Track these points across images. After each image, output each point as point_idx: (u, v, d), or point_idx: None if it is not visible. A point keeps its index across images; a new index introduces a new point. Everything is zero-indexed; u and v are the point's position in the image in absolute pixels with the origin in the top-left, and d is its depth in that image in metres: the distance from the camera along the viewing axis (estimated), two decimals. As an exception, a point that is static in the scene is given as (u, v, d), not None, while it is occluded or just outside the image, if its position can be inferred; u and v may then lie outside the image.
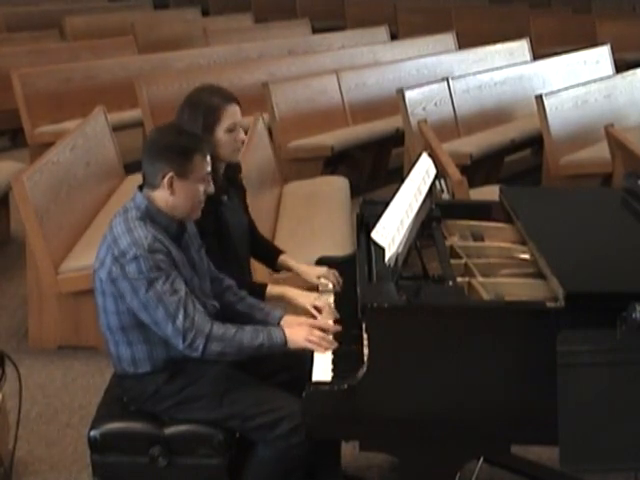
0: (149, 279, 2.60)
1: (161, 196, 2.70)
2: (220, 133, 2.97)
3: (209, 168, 2.73)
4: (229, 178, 3.12)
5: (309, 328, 2.78)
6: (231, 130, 2.99)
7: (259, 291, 3.10)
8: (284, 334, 2.72)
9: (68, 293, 4.38)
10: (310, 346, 2.72)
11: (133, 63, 8.27)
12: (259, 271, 3.96)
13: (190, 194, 2.70)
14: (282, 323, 2.87)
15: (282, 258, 3.31)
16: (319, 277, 3.20)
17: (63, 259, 4.38)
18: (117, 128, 6.31)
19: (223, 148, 2.99)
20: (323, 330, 2.79)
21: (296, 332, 2.75)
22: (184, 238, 2.79)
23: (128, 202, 2.75)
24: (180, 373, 2.77)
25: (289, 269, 3.31)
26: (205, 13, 13.02)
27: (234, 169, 3.18)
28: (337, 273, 3.19)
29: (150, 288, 2.60)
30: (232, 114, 2.99)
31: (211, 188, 2.75)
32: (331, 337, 2.76)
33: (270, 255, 3.33)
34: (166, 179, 2.67)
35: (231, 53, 8.92)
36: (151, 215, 2.69)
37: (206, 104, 2.96)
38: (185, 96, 3.07)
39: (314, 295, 3.08)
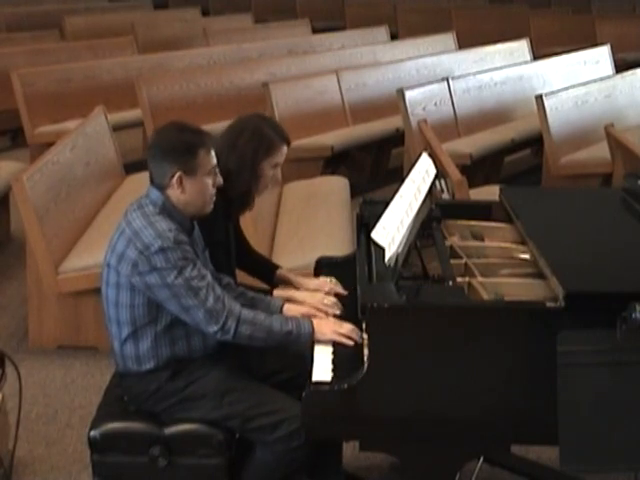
0: (178, 267, 2.63)
1: (172, 195, 2.72)
2: (266, 166, 3.05)
3: (214, 161, 2.75)
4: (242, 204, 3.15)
5: (338, 321, 2.80)
6: (275, 167, 3.08)
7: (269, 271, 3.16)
8: (312, 325, 2.74)
9: (68, 293, 4.38)
10: (338, 339, 2.73)
11: (133, 63, 8.26)
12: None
13: (200, 189, 2.72)
14: (284, 311, 2.90)
15: (279, 272, 3.31)
16: (316, 290, 3.17)
17: (63, 259, 4.37)
18: (117, 128, 6.30)
19: (261, 180, 3.08)
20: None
21: (325, 324, 2.78)
22: (192, 238, 2.81)
23: (142, 198, 2.77)
24: (182, 371, 2.77)
25: (287, 282, 3.30)
26: (205, 13, 13.00)
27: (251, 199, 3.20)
28: (335, 280, 3.19)
29: (179, 275, 2.63)
30: (283, 154, 3.10)
31: (219, 180, 2.77)
32: (358, 330, 2.74)
33: (267, 270, 3.34)
34: (175, 178, 2.69)
35: (231, 53, 8.92)
36: (168, 211, 2.72)
37: (268, 137, 3.04)
38: (239, 121, 3.12)
39: (320, 295, 3.07)
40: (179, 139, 2.71)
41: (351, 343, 2.72)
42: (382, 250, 2.65)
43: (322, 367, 2.66)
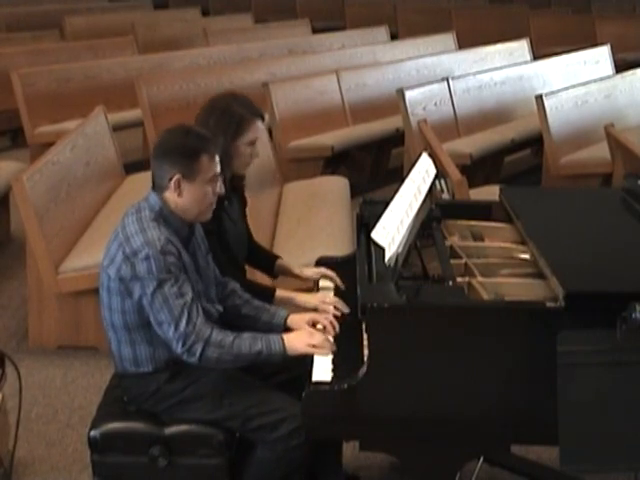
0: (158, 280, 2.60)
1: (170, 198, 2.70)
2: (241, 144, 3.02)
3: (218, 169, 2.72)
4: (233, 187, 3.13)
5: (309, 332, 2.76)
6: (251, 144, 3.04)
7: (268, 295, 3.11)
8: (283, 342, 2.69)
9: (68, 293, 4.38)
10: (311, 351, 2.70)
11: (133, 63, 8.27)
12: (259, 279, 3.96)
13: (198, 196, 2.69)
14: (289, 322, 2.87)
15: (279, 263, 3.31)
16: (317, 278, 3.21)
17: (63, 259, 4.37)
18: (117, 128, 6.30)
19: (238, 159, 3.04)
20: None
21: (295, 338, 2.73)
22: (192, 242, 2.79)
23: (141, 202, 2.74)
24: (181, 373, 2.77)
25: (287, 272, 3.30)
26: (205, 13, 13.01)
27: (239, 179, 3.19)
28: (331, 272, 3.19)
29: (158, 289, 2.61)
30: (257, 129, 3.05)
31: (220, 189, 2.74)
32: (331, 339, 2.74)
33: (267, 262, 3.34)
34: (173, 181, 2.66)
35: (231, 53, 8.92)
36: (164, 216, 2.69)
37: (238, 115, 3.01)
38: (211, 100, 3.10)
39: (322, 294, 3.07)
40: (183, 142, 2.69)
41: (324, 352, 2.68)
42: (382, 250, 2.65)
43: (322, 367, 2.65)
